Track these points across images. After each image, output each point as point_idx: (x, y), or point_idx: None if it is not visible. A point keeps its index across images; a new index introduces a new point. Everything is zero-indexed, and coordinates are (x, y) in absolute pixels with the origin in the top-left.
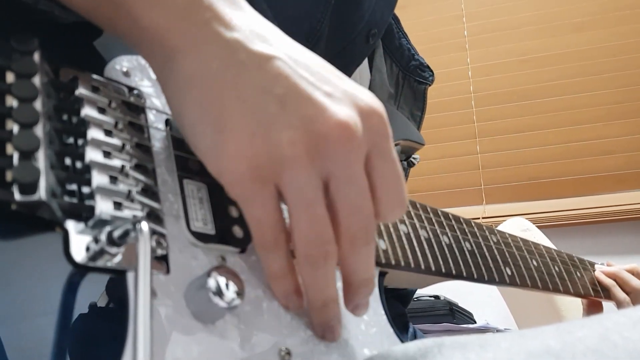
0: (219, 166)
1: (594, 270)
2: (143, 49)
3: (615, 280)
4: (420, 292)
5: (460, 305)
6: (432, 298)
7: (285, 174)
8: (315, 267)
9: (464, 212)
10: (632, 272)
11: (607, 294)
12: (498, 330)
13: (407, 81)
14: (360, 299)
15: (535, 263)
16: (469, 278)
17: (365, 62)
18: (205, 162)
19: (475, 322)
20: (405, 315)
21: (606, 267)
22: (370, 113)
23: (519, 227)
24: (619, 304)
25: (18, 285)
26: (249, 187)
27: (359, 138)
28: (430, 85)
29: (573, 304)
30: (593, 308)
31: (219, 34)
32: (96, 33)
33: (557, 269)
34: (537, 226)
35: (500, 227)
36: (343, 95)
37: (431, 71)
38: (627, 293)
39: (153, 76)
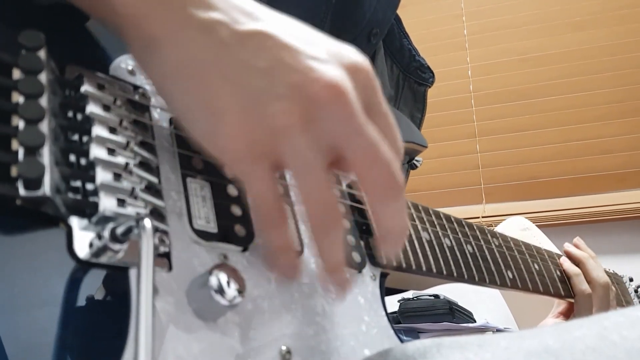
0: (217, 148)
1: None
2: (122, 36)
3: (579, 267)
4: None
5: (460, 304)
6: (432, 297)
7: (283, 143)
8: (326, 232)
9: (464, 211)
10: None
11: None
12: (498, 330)
13: (407, 82)
14: (395, 249)
15: (537, 267)
16: (470, 280)
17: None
18: (204, 146)
19: (475, 321)
20: None
21: (572, 248)
22: (358, 69)
23: (518, 226)
24: (576, 296)
25: (21, 280)
26: (250, 162)
27: (351, 94)
28: (430, 86)
29: None
30: (566, 304)
31: (196, 16)
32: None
33: (558, 272)
34: (536, 225)
35: (499, 226)
36: (328, 56)
37: (431, 72)
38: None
39: None
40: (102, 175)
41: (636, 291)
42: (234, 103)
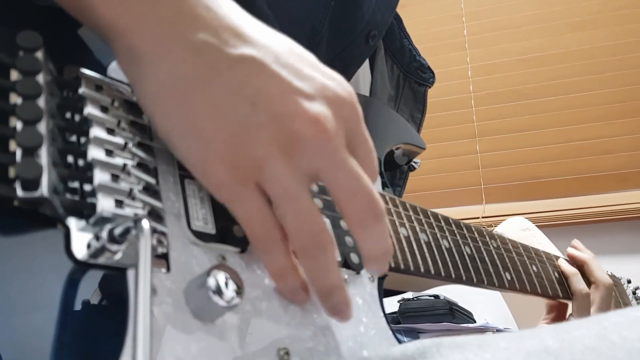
0: (200, 172)
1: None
2: (109, 45)
3: (581, 268)
4: None
5: (460, 304)
6: (432, 297)
7: (264, 172)
8: (313, 258)
9: (464, 211)
10: None
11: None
12: (498, 330)
13: (407, 82)
14: (380, 270)
15: (535, 268)
16: (469, 282)
17: (366, 63)
18: (189, 169)
19: (475, 322)
20: None
21: (575, 250)
22: (341, 102)
23: (518, 226)
24: (574, 295)
25: (19, 281)
26: (232, 188)
27: (333, 130)
28: (430, 86)
29: None
30: (555, 312)
31: (185, 35)
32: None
33: (556, 274)
34: (537, 226)
35: (499, 227)
36: (314, 89)
37: (432, 72)
38: (589, 283)
39: None
40: (100, 176)
41: (634, 293)
42: (219, 129)
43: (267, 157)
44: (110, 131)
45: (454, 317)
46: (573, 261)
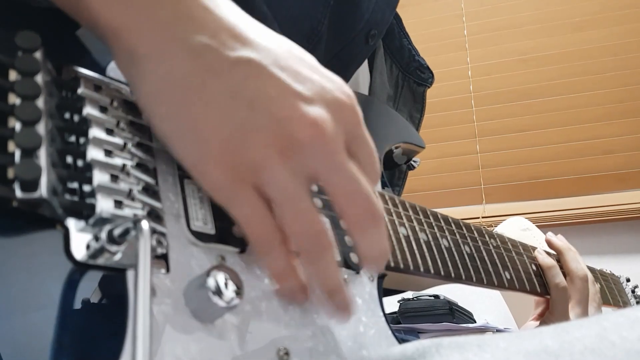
0: (198, 173)
1: (596, 277)
2: (107, 45)
3: (559, 261)
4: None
5: (460, 304)
6: (432, 297)
7: (263, 174)
8: (314, 260)
9: (464, 211)
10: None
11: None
12: (498, 330)
13: (406, 82)
14: (377, 270)
15: (534, 267)
16: (468, 281)
17: (365, 63)
18: (187, 169)
19: (475, 322)
20: None
21: (553, 236)
22: (341, 105)
23: (518, 226)
24: (551, 290)
25: (18, 282)
26: (230, 189)
27: (331, 133)
28: (429, 87)
29: None
30: (543, 306)
31: (183, 37)
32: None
33: None
34: (537, 225)
35: (499, 227)
36: (313, 92)
37: (431, 72)
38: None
39: None
40: (99, 177)
41: (633, 291)
42: (217, 131)
43: (265, 160)
44: (110, 131)
45: (454, 317)
46: (550, 247)
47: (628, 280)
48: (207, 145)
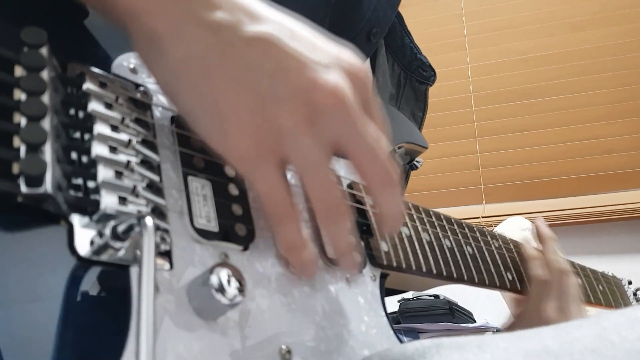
0: (223, 147)
1: (594, 276)
2: (125, 30)
3: (543, 246)
4: None
5: (460, 304)
6: (432, 297)
7: (288, 143)
8: (337, 223)
9: (464, 211)
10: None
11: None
12: (498, 330)
13: (408, 81)
14: (393, 231)
15: None
16: (470, 282)
17: (367, 62)
18: (209, 144)
19: (475, 322)
20: None
21: (541, 224)
22: (355, 71)
23: (519, 226)
24: (530, 282)
25: (22, 278)
26: (255, 161)
27: (351, 99)
28: (431, 85)
29: None
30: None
31: (201, 15)
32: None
33: None
34: None
35: (499, 226)
36: (329, 60)
37: (433, 71)
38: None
39: None
40: (104, 173)
41: (635, 294)
42: (239, 104)
43: (290, 128)
44: (114, 128)
45: (454, 317)
46: (537, 234)
47: (630, 282)
48: (230, 117)
